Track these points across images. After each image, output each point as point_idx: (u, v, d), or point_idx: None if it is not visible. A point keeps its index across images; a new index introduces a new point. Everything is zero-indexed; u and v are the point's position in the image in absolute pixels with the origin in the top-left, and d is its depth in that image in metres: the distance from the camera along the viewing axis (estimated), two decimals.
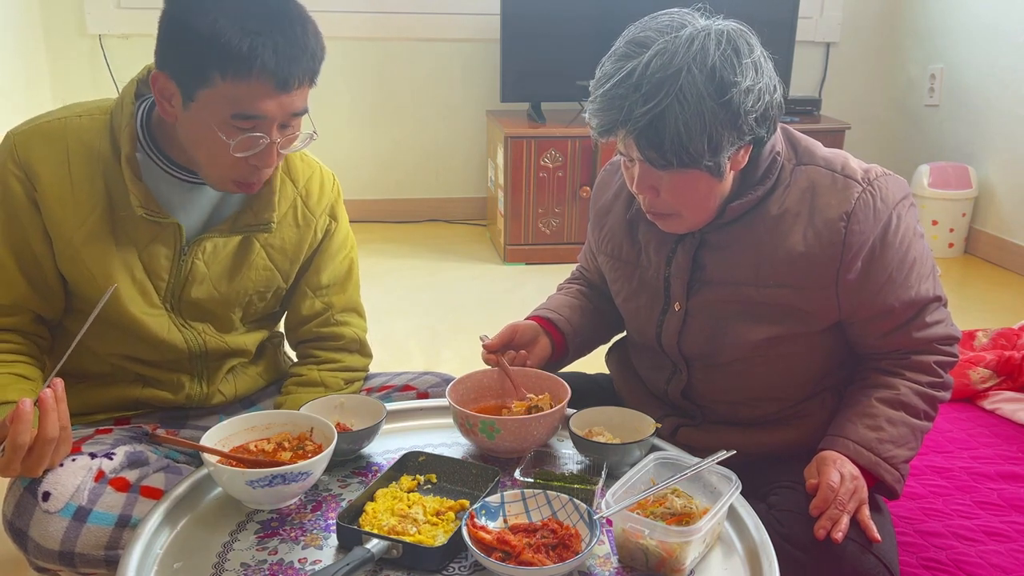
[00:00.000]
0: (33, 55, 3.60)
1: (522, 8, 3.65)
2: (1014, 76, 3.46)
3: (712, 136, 1.15)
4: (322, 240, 1.49)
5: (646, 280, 1.40)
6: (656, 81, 1.13)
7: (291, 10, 1.20)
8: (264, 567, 1.08)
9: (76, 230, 1.28)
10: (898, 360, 1.34)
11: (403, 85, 4.00)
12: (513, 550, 1.05)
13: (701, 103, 1.13)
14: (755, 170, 1.27)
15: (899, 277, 1.28)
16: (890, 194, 1.27)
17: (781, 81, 1.22)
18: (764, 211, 1.29)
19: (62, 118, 1.30)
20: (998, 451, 1.72)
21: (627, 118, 1.15)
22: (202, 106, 1.19)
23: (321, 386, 1.48)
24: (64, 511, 1.21)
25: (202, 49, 1.15)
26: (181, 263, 1.34)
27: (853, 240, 1.24)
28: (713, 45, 1.14)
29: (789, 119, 3.77)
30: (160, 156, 1.30)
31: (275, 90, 1.18)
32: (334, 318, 1.52)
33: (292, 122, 1.24)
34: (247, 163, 1.24)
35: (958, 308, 3.10)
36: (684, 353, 1.39)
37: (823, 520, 1.20)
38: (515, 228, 3.57)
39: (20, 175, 1.27)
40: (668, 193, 1.24)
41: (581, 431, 1.31)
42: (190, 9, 1.16)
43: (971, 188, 3.62)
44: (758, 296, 1.30)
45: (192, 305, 1.39)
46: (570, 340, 1.49)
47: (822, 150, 1.33)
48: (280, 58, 1.16)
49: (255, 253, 1.41)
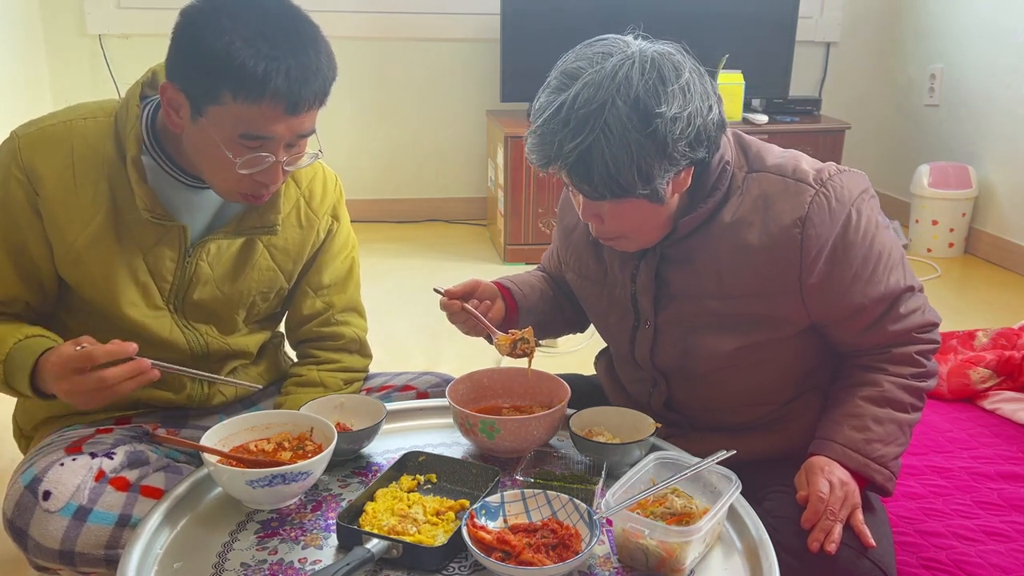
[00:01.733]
0: (33, 55, 3.60)
1: (522, 8, 3.65)
2: (1014, 76, 3.46)
3: (641, 167, 1.14)
4: (324, 240, 1.49)
5: (615, 298, 1.40)
6: (582, 116, 1.12)
7: (305, 32, 1.19)
8: (264, 567, 1.08)
9: (79, 234, 1.28)
10: (879, 355, 1.33)
11: (403, 85, 4.00)
12: (513, 550, 1.05)
13: (627, 135, 1.12)
14: (704, 183, 1.26)
15: (865, 273, 1.27)
16: (845, 192, 1.25)
17: (719, 97, 1.21)
18: (719, 222, 1.28)
19: (67, 121, 1.30)
20: (998, 451, 1.72)
21: (558, 154, 1.15)
22: (210, 122, 1.19)
23: (321, 386, 1.48)
24: (64, 510, 1.21)
25: (215, 68, 1.14)
26: (186, 265, 1.34)
27: (810, 244, 1.23)
28: (637, 75, 1.13)
29: (789, 119, 3.78)
30: (165, 160, 1.30)
31: (285, 114, 1.17)
32: (334, 318, 1.52)
33: (299, 142, 1.24)
34: (252, 179, 1.23)
35: (958, 308, 3.14)
36: (659, 367, 1.39)
37: (816, 532, 1.19)
38: (515, 228, 3.57)
39: (23, 179, 1.26)
40: (611, 221, 1.24)
41: (581, 431, 1.31)
42: (205, 26, 1.15)
43: (971, 188, 3.61)
44: (724, 308, 1.29)
45: (196, 306, 1.39)
46: (523, 317, 1.47)
47: (773, 155, 1.31)
48: (292, 82, 1.15)
49: (258, 254, 1.41)
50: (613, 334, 1.45)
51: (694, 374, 1.37)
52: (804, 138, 3.68)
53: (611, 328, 1.44)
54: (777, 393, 1.38)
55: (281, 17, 1.17)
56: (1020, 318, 2.67)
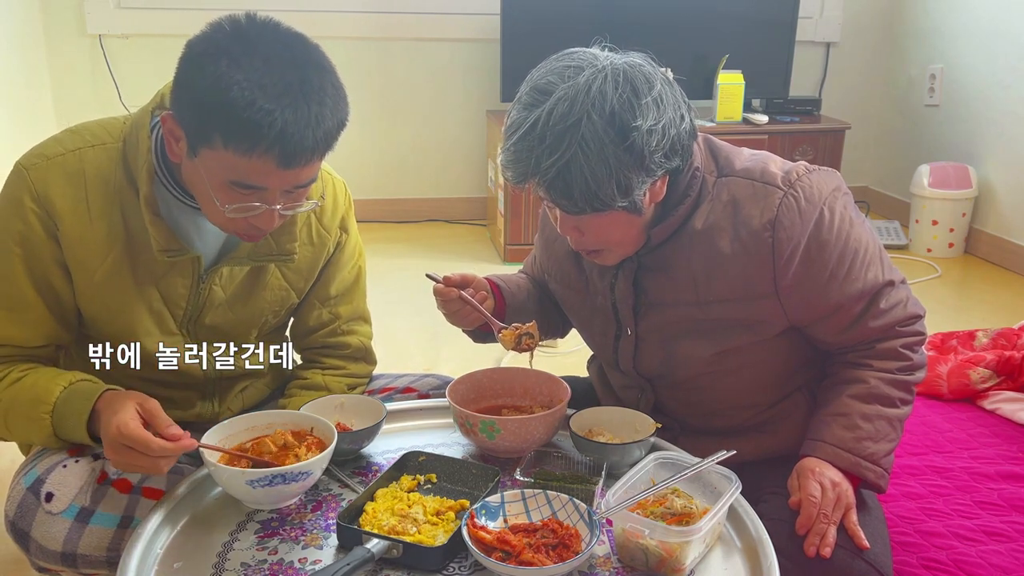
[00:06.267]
0: (33, 55, 3.60)
1: (522, 8, 3.65)
2: (1014, 76, 3.46)
3: (620, 180, 1.14)
4: (333, 253, 1.47)
5: (597, 307, 1.40)
6: (558, 132, 1.12)
7: (311, 82, 1.11)
8: (264, 567, 1.08)
9: (96, 270, 1.26)
10: (863, 351, 1.32)
11: (403, 85, 4.00)
12: (513, 550, 1.06)
13: (604, 150, 1.12)
14: (675, 191, 1.26)
15: (841, 272, 1.26)
16: (815, 191, 1.25)
17: (689, 106, 1.21)
18: (691, 229, 1.28)
19: (76, 150, 1.25)
20: (998, 451, 1.72)
21: (535, 171, 1.15)
22: (203, 163, 1.14)
23: (324, 390, 1.47)
24: (67, 512, 1.21)
25: (209, 111, 1.09)
26: (199, 291, 1.33)
27: (782, 246, 1.23)
28: (611, 88, 1.12)
29: (789, 119, 3.78)
30: (174, 185, 1.26)
31: (278, 168, 1.12)
32: (341, 328, 1.51)
33: (298, 191, 1.20)
34: (246, 220, 1.19)
35: (958, 308, 3.14)
36: (643, 374, 1.40)
37: (810, 537, 1.19)
38: (515, 228, 3.57)
39: (40, 211, 1.23)
40: (590, 234, 1.24)
41: (581, 431, 1.31)
42: (205, 66, 1.08)
43: (971, 188, 3.61)
44: (702, 314, 1.29)
45: (209, 330, 1.37)
46: (509, 316, 1.46)
47: (742, 158, 1.31)
48: (287, 138, 1.09)
49: (270, 274, 1.39)
50: (597, 342, 1.45)
51: (677, 380, 1.38)
52: (804, 138, 3.68)
53: (595, 336, 1.45)
54: (763, 395, 1.38)
55: (286, 65, 1.10)
56: (1020, 318, 2.67)
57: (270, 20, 1.14)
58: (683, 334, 1.32)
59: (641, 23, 3.67)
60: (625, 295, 1.34)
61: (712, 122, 3.70)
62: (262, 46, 1.10)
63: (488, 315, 1.37)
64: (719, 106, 3.71)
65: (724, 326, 1.30)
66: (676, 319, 1.32)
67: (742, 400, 1.38)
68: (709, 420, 1.41)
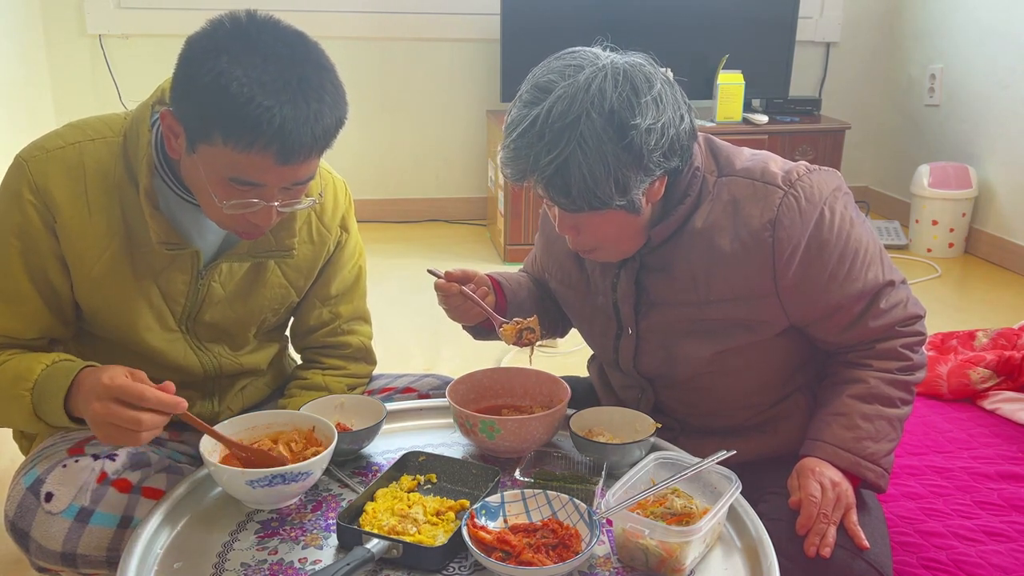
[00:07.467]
0: (33, 55, 3.60)
1: (522, 8, 3.65)
2: (1014, 76, 3.46)
3: (618, 179, 1.14)
4: (334, 252, 1.47)
5: (598, 306, 1.40)
6: (557, 130, 1.12)
7: (309, 79, 1.11)
8: (264, 567, 1.08)
9: (95, 264, 1.26)
10: (864, 351, 1.32)
11: (403, 85, 4.00)
12: (513, 550, 1.06)
13: (603, 148, 1.12)
14: (675, 191, 1.27)
15: (841, 272, 1.26)
16: (816, 191, 1.25)
17: (689, 107, 1.21)
18: (691, 228, 1.28)
19: (75, 143, 1.25)
20: (998, 451, 1.72)
21: (534, 168, 1.15)
22: (201, 159, 1.15)
23: (325, 390, 1.47)
24: (67, 512, 1.20)
25: (208, 107, 1.09)
26: (198, 287, 1.33)
27: (782, 246, 1.23)
28: (611, 87, 1.13)
29: (789, 119, 3.78)
30: (174, 180, 1.26)
31: (276, 164, 1.12)
32: (341, 327, 1.51)
33: (296, 187, 1.20)
34: (244, 217, 1.20)
35: (958, 308, 3.14)
36: (643, 374, 1.40)
37: (811, 537, 1.19)
38: (515, 228, 3.57)
39: (38, 204, 1.23)
40: (587, 233, 1.24)
41: (581, 431, 1.31)
42: (204, 63, 1.09)
43: (971, 188, 3.61)
44: (702, 313, 1.30)
45: (208, 327, 1.37)
46: (510, 313, 1.46)
47: (742, 158, 1.31)
48: (285, 134, 1.09)
49: (270, 271, 1.39)
50: (597, 342, 1.45)
51: (677, 380, 1.38)
52: (804, 138, 3.68)
53: (595, 336, 1.45)
54: (763, 394, 1.38)
55: (286, 62, 1.10)
56: (1020, 318, 2.67)
57: (270, 18, 1.14)
58: (684, 334, 1.33)
59: (641, 23, 3.68)
60: (627, 294, 1.34)
61: (712, 122, 3.70)
62: (262, 43, 1.10)
63: (486, 308, 1.37)
64: (719, 106, 3.71)
65: (724, 326, 1.30)
66: (677, 319, 1.32)
67: (742, 400, 1.38)
68: (709, 420, 1.41)
